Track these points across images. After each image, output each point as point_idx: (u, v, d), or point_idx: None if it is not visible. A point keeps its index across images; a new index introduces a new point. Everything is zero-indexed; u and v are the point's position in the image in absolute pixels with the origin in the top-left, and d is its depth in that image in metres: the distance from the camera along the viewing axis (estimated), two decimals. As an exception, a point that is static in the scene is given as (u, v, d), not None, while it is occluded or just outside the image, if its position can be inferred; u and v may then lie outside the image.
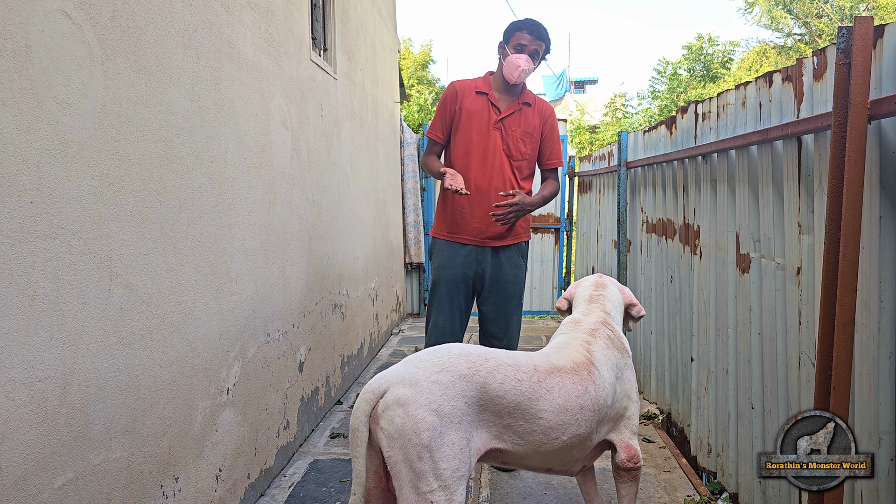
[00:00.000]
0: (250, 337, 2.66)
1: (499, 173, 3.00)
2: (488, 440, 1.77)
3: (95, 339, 1.66)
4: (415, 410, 1.59)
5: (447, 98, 3.08)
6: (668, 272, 3.64)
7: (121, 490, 1.77)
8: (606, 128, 18.82)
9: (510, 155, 3.02)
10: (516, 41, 2.97)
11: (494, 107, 3.02)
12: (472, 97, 3.04)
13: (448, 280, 3.06)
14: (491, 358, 1.78)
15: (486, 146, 3.00)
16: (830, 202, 1.71)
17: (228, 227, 2.45)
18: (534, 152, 3.10)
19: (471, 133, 3.01)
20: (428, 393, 1.62)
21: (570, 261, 7.13)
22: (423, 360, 1.73)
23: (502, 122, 3.01)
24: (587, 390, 1.91)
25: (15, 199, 1.39)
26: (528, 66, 2.95)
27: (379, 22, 5.78)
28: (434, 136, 3.11)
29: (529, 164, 3.10)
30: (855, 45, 1.63)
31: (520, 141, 3.03)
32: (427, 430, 1.58)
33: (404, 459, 1.59)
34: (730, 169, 2.71)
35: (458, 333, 3.12)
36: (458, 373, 1.69)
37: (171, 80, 2.03)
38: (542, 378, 1.83)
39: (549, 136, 3.12)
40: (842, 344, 1.67)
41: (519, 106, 3.04)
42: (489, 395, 1.73)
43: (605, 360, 2.03)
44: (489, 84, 3.07)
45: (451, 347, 1.81)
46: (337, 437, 3.45)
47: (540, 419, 1.80)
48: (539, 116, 3.08)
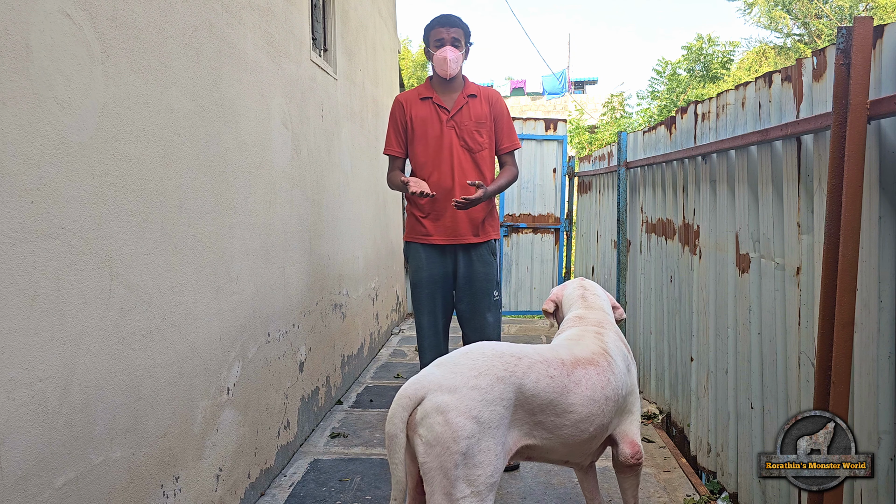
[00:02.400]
0: (251, 337, 2.66)
1: (462, 169, 3.06)
2: (519, 438, 1.78)
3: (96, 338, 1.66)
4: (455, 418, 1.59)
5: (395, 113, 3.15)
6: (667, 272, 3.64)
7: (121, 490, 1.77)
8: (605, 128, 18.82)
9: (469, 148, 3.08)
10: (434, 38, 3.06)
11: (442, 107, 3.08)
12: (418, 105, 3.11)
13: (426, 281, 3.12)
14: (523, 357, 1.78)
15: (444, 146, 3.06)
16: (830, 202, 1.71)
17: (229, 227, 2.45)
18: (491, 140, 3.15)
19: (426, 138, 3.08)
20: (468, 399, 1.62)
21: (569, 261, 7.13)
22: (458, 364, 1.71)
23: (453, 119, 3.07)
24: (609, 381, 1.93)
25: (16, 199, 1.39)
26: (453, 54, 3.02)
27: (379, 22, 5.78)
28: (392, 152, 3.16)
29: (490, 153, 3.16)
30: (854, 45, 1.63)
31: (475, 132, 3.08)
32: (466, 437, 1.58)
33: (440, 466, 1.59)
34: (729, 169, 2.71)
35: (442, 333, 3.19)
36: (496, 376, 1.68)
37: (172, 81, 2.04)
38: (570, 371, 1.85)
39: (500, 121, 3.17)
40: (841, 344, 1.68)
41: (465, 100, 3.10)
42: (524, 395, 1.73)
43: (617, 351, 2.07)
44: (431, 88, 3.13)
45: (483, 348, 1.79)
46: (337, 437, 3.45)
47: (571, 413, 1.81)
48: (487, 103, 3.13)
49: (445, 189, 3.05)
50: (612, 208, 5.09)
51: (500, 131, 3.17)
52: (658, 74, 19.46)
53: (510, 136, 3.19)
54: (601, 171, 5.45)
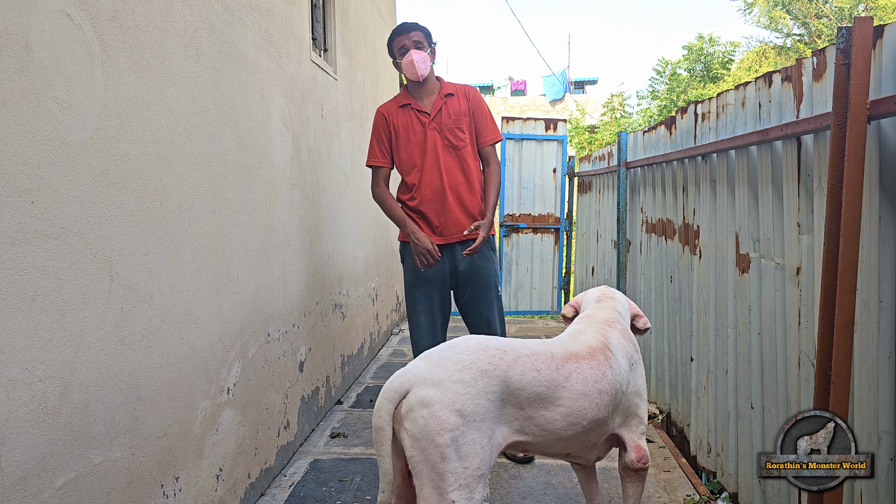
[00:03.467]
0: (251, 337, 2.66)
1: (449, 169, 3.08)
2: (509, 434, 1.78)
3: (96, 338, 1.66)
4: (439, 411, 1.60)
5: (378, 124, 3.17)
6: (667, 272, 3.64)
7: (121, 490, 1.77)
8: (606, 128, 18.80)
9: (453, 146, 3.10)
10: (397, 47, 3.10)
11: (422, 112, 3.11)
12: (398, 113, 3.14)
13: (422, 281, 3.12)
14: (509, 350, 1.78)
15: (428, 149, 3.08)
16: (830, 202, 1.71)
17: (229, 227, 2.45)
18: (472, 134, 3.17)
19: (410, 145, 3.10)
20: (451, 393, 1.63)
21: (569, 261, 7.13)
22: (443, 358, 1.72)
23: (434, 121, 3.10)
24: (605, 374, 1.92)
25: (16, 200, 1.40)
26: (419, 55, 3.04)
27: (379, 22, 5.78)
28: (377, 163, 3.15)
29: (474, 148, 3.18)
30: (854, 45, 1.63)
31: (456, 129, 3.11)
32: (450, 430, 1.59)
33: (426, 460, 1.60)
34: (729, 169, 2.71)
35: (439, 333, 3.18)
36: (480, 369, 1.69)
37: (172, 81, 2.04)
38: (560, 365, 1.84)
39: (478, 114, 3.18)
40: (841, 344, 1.68)
41: (443, 100, 3.12)
42: (510, 388, 1.73)
43: (620, 348, 2.05)
44: (408, 95, 3.17)
45: (468, 342, 1.80)
46: (337, 437, 3.45)
47: (560, 407, 1.81)
48: (464, 99, 3.16)
49: (435, 189, 3.08)
50: (612, 208, 5.09)
51: (480, 123, 3.18)
52: (658, 74, 19.45)
53: (491, 129, 3.20)
54: (601, 171, 5.45)
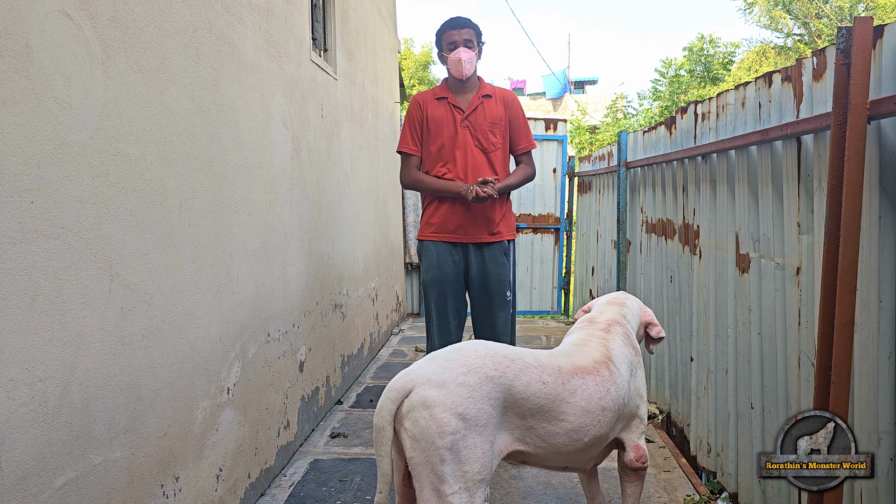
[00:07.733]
0: (251, 337, 2.66)
1: (476, 169, 3.08)
2: (511, 442, 1.76)
3: (96, 338, 1.66)
4: (440, 413, 1.58)
5: (412, 111, 3.18)
6: (667, 272, 3.64)
7: (121, 490, 1.77)
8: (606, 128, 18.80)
9: (483, 148, 3.11)
10: (447, 41, 3.10)
11: (457, 108, 3.11)
12: (434, 104, 3.14)
13: (438, 280, 3.12)
14: (517, 359, 1.76)
15: (458, 146, 3.09)
16: (830, 202, 1.71)
17: (229, 227, 2.45)
18: (505, 141, 3.18)
19: (441, 138, 3.10)
20: (454, 395, 1.61)
21: (569, 261, 7.13)
22: (449, 360, 1.71)
23: (468, 119, 3.10)
24: (608, 391, 1.90)
25: (16, 199, 1.40)
26: (467, 55, 3.05)
27: (379, 22, 5.78)
28: (408, 149, 3.16)
29: (504, 153, 3.19)
30: (854, 45, 1.63)
31: (489, 132, 3.11)
32: (451, 433, 1.58)
33: (426, 461, 1.59)
34: (729, 169, 2.71)
35: (456, 331, 3.17)
36: (485, 374, 1.67)
37: (172, 81, 2.04)
38: (566, 380, 1.82)
39: (515, 122, 3.20)
40: (841, 344, 1.68)
41: (480, 100, 3.13)
42: (514, 397, 1.72)
43: (622, 357, 2.04)
44: (447, 89, 3.17)
45: (476, 346, 1.78)
46: (337, 437, 3.45)
47: (563, 421, 1.79)
48: (502, 104, 3.16)
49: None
50: (612, 208, 5.09)
51: (516, 132, 3.20)
52: (661, 76, 19.43)
53: (526, 137, 3.22)
54: (601, 171, 5.45)
